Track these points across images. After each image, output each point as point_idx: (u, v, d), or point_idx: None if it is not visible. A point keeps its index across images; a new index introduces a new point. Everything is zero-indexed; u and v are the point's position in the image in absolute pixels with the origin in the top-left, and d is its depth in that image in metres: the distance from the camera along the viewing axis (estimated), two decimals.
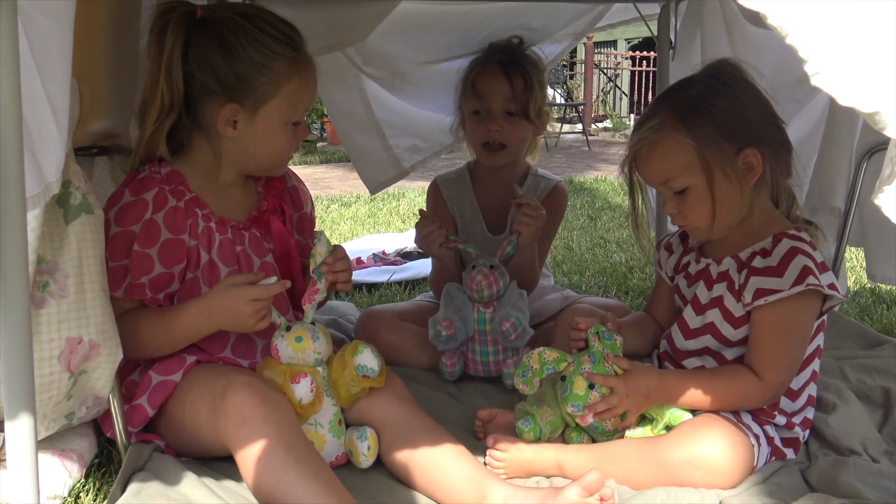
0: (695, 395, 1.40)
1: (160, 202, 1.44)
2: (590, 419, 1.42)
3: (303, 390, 1.34)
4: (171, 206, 1.45)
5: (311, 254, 1.49)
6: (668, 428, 1.43)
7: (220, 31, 1.42)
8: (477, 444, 1.54)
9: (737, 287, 1.42)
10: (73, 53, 1.11)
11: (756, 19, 1.93)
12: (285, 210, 1.62)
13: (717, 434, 1.34)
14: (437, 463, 1.35)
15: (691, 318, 1.50)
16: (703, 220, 1.40)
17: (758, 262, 1.39)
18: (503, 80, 1.97)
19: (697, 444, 1.34)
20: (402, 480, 1.39)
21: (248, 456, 1.23)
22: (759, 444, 1.38)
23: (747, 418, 1.40)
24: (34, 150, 1.04)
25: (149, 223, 1.42)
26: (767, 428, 1.42)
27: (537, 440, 1.47)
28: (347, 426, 1.46)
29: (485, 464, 1.42)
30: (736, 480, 1.34)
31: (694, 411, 1.43)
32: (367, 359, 1.41)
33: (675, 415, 1.42)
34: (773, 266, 1.37)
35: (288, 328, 1.43)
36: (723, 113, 1.35)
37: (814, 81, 0.78)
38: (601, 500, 1.26)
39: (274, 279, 1.41)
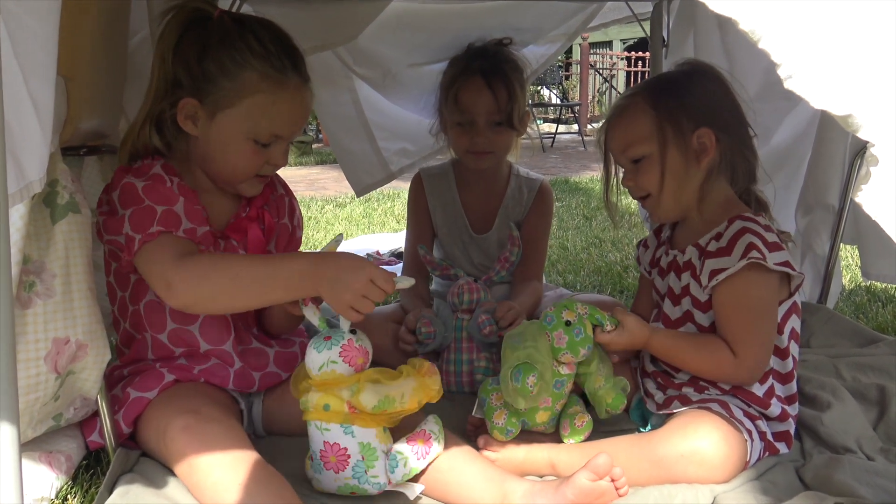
0: (675, 350, 1.47)
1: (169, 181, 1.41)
2: (584, 352, 1.42)
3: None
4: (176, 182, 1.42)
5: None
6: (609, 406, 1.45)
7: (208, 32, 1.39)
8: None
9: (698, 272, 1.47)
10: (59, 52, 1.09)
11: None
12: (266, 219, 1.56)
13: (710, 428, 1.35)
14: (452, 465, 1.33)
15: (670, 310, 1.55)
16: (653, 187, 1.49)
17: (711, 246, 1.45)
18: (487, 94, 1.95)
19: (690, 439, 1.34)
20: None
21: (199, 491, 1.22)
22: (752, 440, 1.38)
23: (739, 413, 1.40)
24: (15, 149, 1.03)
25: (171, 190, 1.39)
26: (759, 423, 1.43)
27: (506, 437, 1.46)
28: None
29: None
30: (729, 474, 1.34)
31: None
32: (368, 397, 1.28)
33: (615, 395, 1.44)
34: (723, 247, 1.43)
35: (353, 332, 1.30)
36: (688, 94, 1.47)
37: (787, 85, 0.79)
38: (612, 480, 1.25)
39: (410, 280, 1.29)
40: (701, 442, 1.33)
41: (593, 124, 12.13)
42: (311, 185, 6.33)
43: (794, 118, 2.11)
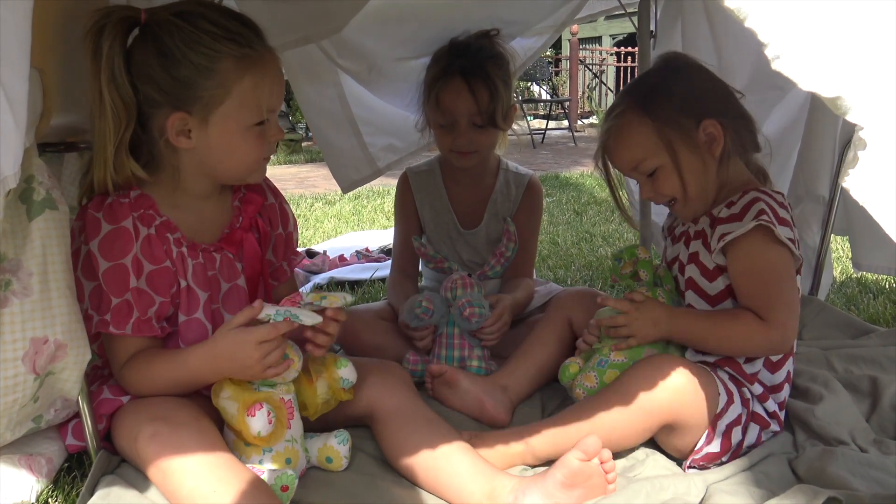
0: (701, 330, 1.44)
1: (136, 232, 1.37)
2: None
3: (259, 423, 1.23)
4: (144, 234, 1.38)
5: (322, 294, 1.39)
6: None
7: (157, 36, 1.31)
8: None
9: (709, 239, 1.46)
10: (33, 44, 1.06)
11: None
12: (261, 227, 1.53)
13: (670, 359, 1.39)
14: (446, 453, 1.33)
15: (678, 279, 1.55)
16: (676, 192, 1.47)
17: (723, 213, 1.45)
18: (467, 96, 1.91)
19: (655, 377, 1.36)
20: (404, 471, 1.37)
21: (177, 499, 1.20)
22: (725, 389, 1.39)
23: (724, 375, 1.42)
24: None
25: (135, 255, 1.36)
26: (744, 390, 1.43)
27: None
28: (317, 431, 1.43)
29: None
30: (694, 404, 1.36)
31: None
32: (350, 372, 1.40)
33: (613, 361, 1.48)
34: (735, 213, 1.42)
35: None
36: (679, 92, 1.45)
37: (774, 66, 0.77)
38: (601, 462, 1.25)
39: (276, 312, 1.28)
40: (670, 380, 1.35)
41: (583, 120, 12.12)
42: (301, 182, 6.30)
43: (782, 109, 2.09)
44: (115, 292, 1.34)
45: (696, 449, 1.39)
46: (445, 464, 1.32)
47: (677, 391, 1.34)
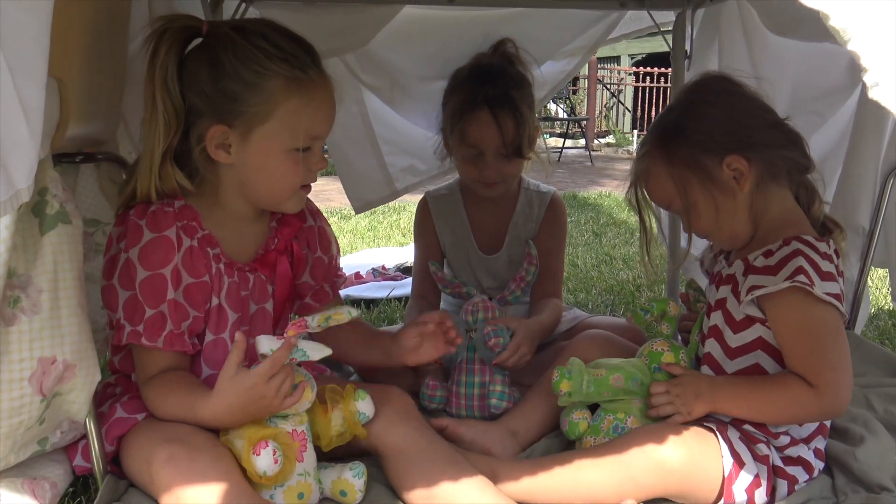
0: (745, 402, 1.37)
1: (178, 242, 1.33)
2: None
3: (265, 463, 1.18)
4: (187, 246, 1.34)
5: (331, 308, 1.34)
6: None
7: (213, 49, 1.31)
8: None
9: (739, 287, 1.39)
10: (52, 51, 1.02)
11: (780, 28, 1.85)
12: (295, 251, 1.50)
13: (675, 437, 1.33)
14: (460, 494, 1.26)
15: (705, 323, 1.49)
16: (708, 230, 1.44)
17: (759, 262, 1.37)
18: (494, 129, 1.86)
19: (651, 452, 1.31)
20: None
21: None
22: (732, 453, 1.33)
23: (734, 435, 1.36)
24: (2, 154, 0.96)
25: (175, 266, 1.32)
26: (759, 446, 1.35)
27: (571, 394, 1.49)
28: (329, 460, 1.37)
29: None
30: (695, 480, 1.32)
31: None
32: (368, 406, 1.36)
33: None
34: (770, 265, 1.35)
35: None
36: (698, 132, 1.39)
37: (871, 94, 0.72)
38: None
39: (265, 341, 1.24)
40: (659, 444, 1.31)
41: (600, 139, 12.10)
42: (316, 196, 6.12)
43: (822, 135, 2.03)
44: (151, 303, 1.30)
45: None
46: None
47: (671, 473, 1.31)
